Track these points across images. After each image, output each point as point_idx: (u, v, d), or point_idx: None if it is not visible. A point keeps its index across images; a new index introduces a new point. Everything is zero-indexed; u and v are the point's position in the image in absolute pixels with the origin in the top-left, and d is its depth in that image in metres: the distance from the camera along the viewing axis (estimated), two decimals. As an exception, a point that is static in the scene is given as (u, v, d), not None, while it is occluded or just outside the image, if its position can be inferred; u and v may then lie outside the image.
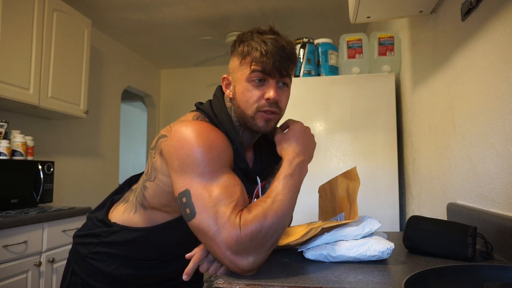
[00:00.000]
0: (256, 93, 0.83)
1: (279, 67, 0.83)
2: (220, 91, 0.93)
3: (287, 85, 0.87)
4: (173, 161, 0.77)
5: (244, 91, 0.84)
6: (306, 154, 0.83)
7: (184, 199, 0.74)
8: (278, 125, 0.92)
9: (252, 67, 0.82)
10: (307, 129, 0.87)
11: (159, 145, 0.83)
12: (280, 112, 0.87)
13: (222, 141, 0.80)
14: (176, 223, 0.90)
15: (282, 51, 0.83)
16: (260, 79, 0.83)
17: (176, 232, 0.91)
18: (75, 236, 1.02)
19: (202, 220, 0.71)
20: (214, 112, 0.89)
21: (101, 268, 0.94)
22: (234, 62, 0.88)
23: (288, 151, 0.82)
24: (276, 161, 0.98)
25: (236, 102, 0.87)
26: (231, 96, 0.89)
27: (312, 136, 0.88)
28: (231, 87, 0.88)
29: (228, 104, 0.91)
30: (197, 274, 0.84)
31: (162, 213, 0.91)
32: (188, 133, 0.77)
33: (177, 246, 0.94)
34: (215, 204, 0.71)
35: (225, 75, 0.90)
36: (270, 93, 0.82)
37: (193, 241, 0.78)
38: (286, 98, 0.88)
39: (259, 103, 0.83)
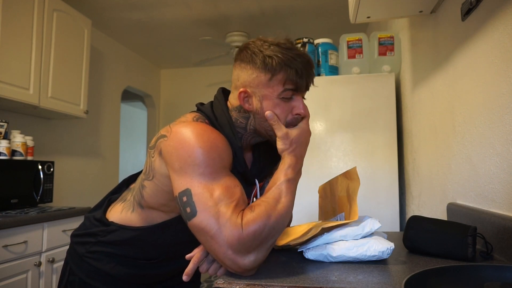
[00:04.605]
0: (286, 108, 0.84)
1: (308, 85, 0.85)
2: (221, 95, 0.91)
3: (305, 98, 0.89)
4: (173, 161, 0.77)
5: (275, 107, 0.83)
6: (303, 159, 0.85)
7: (184, 198, 0.74)
8: None
9: (285, 86, 0.82)
10: (310, 134, 0.87)
11: (158, 145, 0.83)
12: None
13: (222, 142, 0.80)
14: (173, 223, 0.90)
15: (310, 68, 0.84)
16: (291, 96, 0.84)
17: (173, 232, 0.91)
18: (72, 236, 1.02)
19: (203, 219, 0.71)
20: (215, 114, 0.88)
21: (98, 267, 0.94)
22: (259, 77, 0.83)
23: (292, 155, 0.81)
24: (274, 162, 0.98)
25: (260, 116, 0.85)
26: (251, 109, 0.85)
27: (309, 140, 0.89)
28: (253, 101, 0.84)
29: (233, 113, 0.88)
30: (195, 274, 0.84)
31: (160, 212, 0.91)
32: (189, 134, 0.77)
33: (175, 246, 0.94)
34: (216, 204, 0.71)
35: (243, 89, 0.84)
36: (301, 110, 0.84)
37: (190, 241, 0.78)
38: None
39: (288, 118, 0.84)
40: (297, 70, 0.81)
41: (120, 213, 0.96)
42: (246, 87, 0.84)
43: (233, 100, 0.89)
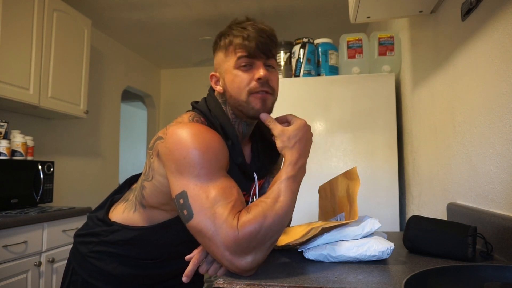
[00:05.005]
0: (245, 77, 0.84)
1: (263, 49, 0.84)
2: (212, 89, 0.94)
3: (273, 68, 0.88)
4: (169, 163, 0.77)
5: (233, 78, 0.85)
6: (306, 155, 0.82)
7: (181, 201, 0.74)
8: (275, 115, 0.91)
9: (237, 54, 0.84)
10: (309, 128, 0.86)
11: (156, 147, 0.83)
12: (273, 92, 0.87)
13: (218, 142, 0.80)
14: (175, 222, 0.90)
15: (262, 33, 0.85)
16: (247, 63, 0.84)
17: (175, 231, 0.91)
18: (75, 235, 1.03)
19: (200, 221, 0.71)
20: (208, 108, 0.89)
21: (101, 267, 0.94)
22: (219, 57, 0.89)
23: (292, 151, 0.80)
24: (274, 160, 0.98)
25: (228, 93, 0.87)
26: (222, 90, 0.89)
27: (311, 135, 0.87)
28: (220, 82, 0.90)
29: (220, 100, 0.91)
30: (197, 275, 0.84)
31: (161, 211, 0.91)
32: (184, 135, 0.77)
33: (177, 246, 0.94)
34: (212, 205, 0.71)
35: (212, 73, 0.92)
36: (260, 73, 0.83)
37: (192, 241, 0.78)
38: (276, 78, 0.89)
39: (250, 86, 0.84)
40: (243, 36, 0.83)
41: (122, 213, 0.96)
42: (215, 71, 0.91)
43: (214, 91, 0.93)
